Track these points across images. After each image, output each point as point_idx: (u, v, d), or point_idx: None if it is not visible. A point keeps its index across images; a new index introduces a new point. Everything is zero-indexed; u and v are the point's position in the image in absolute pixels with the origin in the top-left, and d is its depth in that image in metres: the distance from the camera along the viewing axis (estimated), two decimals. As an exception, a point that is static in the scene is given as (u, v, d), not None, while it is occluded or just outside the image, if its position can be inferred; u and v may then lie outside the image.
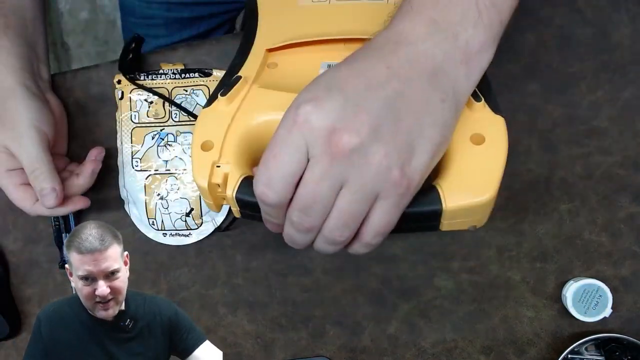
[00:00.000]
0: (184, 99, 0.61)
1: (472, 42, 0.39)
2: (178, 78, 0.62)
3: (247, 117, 0.44)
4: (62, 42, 1.64)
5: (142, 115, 0.62)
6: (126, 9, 0.88)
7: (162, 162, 0.62)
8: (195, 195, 0.61)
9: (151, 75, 0.62)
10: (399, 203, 0.37)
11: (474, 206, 0.40)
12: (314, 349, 0.64)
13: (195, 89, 0.62)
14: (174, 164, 0.62)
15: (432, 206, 0.39)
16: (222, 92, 0.44)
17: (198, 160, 0.43)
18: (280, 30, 0.50)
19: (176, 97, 0.61)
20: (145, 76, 0.62)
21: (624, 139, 0.59)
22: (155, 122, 0.62)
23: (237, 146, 0.44)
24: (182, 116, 0.61)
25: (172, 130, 0.61)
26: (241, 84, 0.45)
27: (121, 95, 0.62)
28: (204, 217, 0.62)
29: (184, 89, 0.61)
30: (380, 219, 0.38)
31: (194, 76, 0.62)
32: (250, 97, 0.45)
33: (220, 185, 0.42)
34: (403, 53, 0.38)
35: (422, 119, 0.37)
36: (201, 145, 0.43)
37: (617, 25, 0.58)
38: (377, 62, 0.38)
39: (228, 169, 0.42)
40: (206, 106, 0.46)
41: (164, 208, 0.61)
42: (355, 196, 0.36)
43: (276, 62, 0.49)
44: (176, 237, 0.62)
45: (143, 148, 0.62)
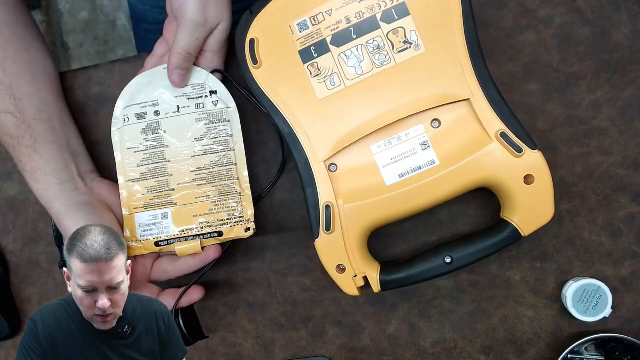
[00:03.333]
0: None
1: None
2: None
3: (355, 230, 0.55)
4: (62, 42, 1.64)
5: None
6: (138, 16, 0.87)
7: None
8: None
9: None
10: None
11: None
12: (314, 349, 0.64)
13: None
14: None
15: (515, 237, 0.54)
16: (326, 228, 0.55)
17: (341, 281, 0.56)
18: (326, 140, 0.55)
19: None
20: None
21: (624, 139, 0.59)
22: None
23: (359, 254, 0.55)
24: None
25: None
26: (333, 212, 0.55)
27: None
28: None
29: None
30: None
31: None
32: (346, 217, 0.55)
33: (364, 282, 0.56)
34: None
35: None
36: (336, 270, 0.56)
37: (617, 25, 0.58)
38: None
39: (364, 273, 0.56)
40: (316, 237, 0.55)
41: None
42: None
43: (334, 163, 0.56)
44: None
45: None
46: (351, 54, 0.54)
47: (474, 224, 0.61)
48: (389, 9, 0.54)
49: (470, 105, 0.53)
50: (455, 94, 0.53)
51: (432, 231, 0.61)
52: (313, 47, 0.55)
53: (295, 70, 0.55)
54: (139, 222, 0.60)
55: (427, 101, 0.53)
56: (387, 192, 0.54)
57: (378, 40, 0.54)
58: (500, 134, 0.53)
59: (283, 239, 0.64)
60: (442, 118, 0.54)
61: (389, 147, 0.55)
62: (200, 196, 0.59)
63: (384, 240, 0.61)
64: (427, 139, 0.54)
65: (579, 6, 0.59)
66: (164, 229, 0.59)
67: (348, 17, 0.54)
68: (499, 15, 0.60)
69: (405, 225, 0.61)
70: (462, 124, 0.54)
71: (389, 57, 0.54)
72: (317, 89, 0.55)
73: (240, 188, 0.59)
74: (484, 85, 0.53)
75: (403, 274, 0.55)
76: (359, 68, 0.54)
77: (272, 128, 0.63)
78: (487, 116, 0.53)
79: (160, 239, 0.59)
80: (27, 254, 0.67)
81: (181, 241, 0.59)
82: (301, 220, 0.63)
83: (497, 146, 0.53)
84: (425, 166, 0.54)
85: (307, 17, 0.54)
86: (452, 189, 0.54)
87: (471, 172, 0.53)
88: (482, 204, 0.60)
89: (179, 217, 0.59)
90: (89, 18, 1.64)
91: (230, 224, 0.59)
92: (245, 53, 0.55)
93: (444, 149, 0.54)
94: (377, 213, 0.55)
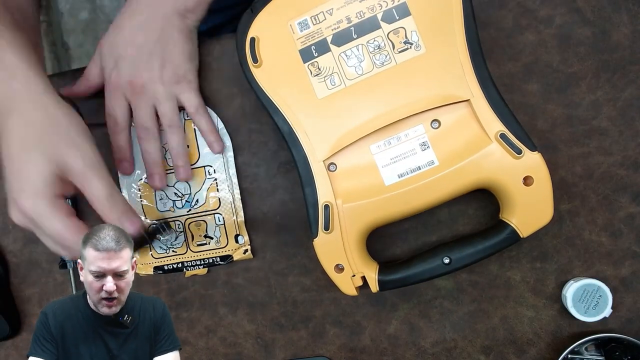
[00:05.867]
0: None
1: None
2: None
3: (354, 230, 0.55)
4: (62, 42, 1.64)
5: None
6: None
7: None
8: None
9: None
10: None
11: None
12: (314, 349, 0.64)
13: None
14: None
15: (514, 238, 0.54)
16: (325, 227, 0.55)
17: (339, 280, 0.56)
18: (325, 139, 0.55)
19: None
20: None
21: (624, 139, 0.59)
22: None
23: (358, 254, 0.56)
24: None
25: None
26: (332, 211, 0.55)
27: None
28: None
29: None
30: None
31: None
32: (345, 217, 0.55)
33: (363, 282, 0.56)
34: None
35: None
36: (335, 270, 0.56)
37: (617, 25, 0.58)
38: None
39: (362, 273, 0.56)
40: (314, 237, 0.55)
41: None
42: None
43: (334, 162, 0.56)
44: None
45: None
46: (351, 54, 0.54)
47: (473, 225, 0.61)
48: (390, 9, 0.54)
49: (470, 106, 0.53)
50: (455, 95, 0.53)
51: (432, 231, 0.61)
52: (313, 47, 0.55)
53: (295, 69, 0.55)
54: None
55: (427, 102, 0.53)
56: (386, 192, 0.54)
57: (378, 40, 0.54)
58: (499, 135, 0.53)
59: (283, 239, 0.64)
60: (442, 119, 0.54)
61: (388, 147, 0.55)
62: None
63: (383, 240, 0.61)
64: (427, 139, 0.54)
65: (579, 6, 0.59)
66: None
67: (349, 17, 0.54)
68: (499, 15, 0.60)
69: (405, 225, 0.61)
70: (462, 124, 0.54)
71: (390, 57, 0.54)
72: (317, 88, 0.55)
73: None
74: (484, 86, 0.53)
75: (401, 274, 0.55)
76: (359, 68, 0.54)
77: (272, 128, 0.63)
78: (486, 117, 0.53)
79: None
80: (27, 254, 0.67)
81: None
82: (301, 220, 0.63)
83: (497, 147, 0.53)
84: (425, 166, 0.54)
85: (308, 16, 0.54)
86: (451, 189, 0.54)
87: (470, 173, 0.53)
88: (482, 204, 0.60)
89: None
90: (89, 18, 1.65)
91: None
92: (245, 52, 0.55)
93: (443, 149, 0.54)
94: (376, 213, 0.55)
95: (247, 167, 0.63)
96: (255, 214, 0.64)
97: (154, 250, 0.64)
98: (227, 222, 0.63)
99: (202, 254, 0.63)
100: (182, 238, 0.63)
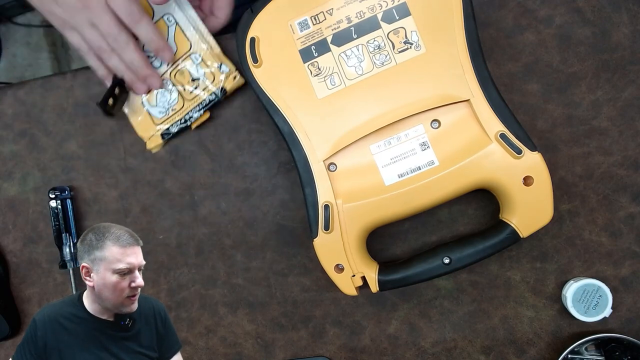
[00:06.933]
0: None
1: None
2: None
3: (354, 230, 0.55)
4: (62, 42, 1.64)
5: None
6: None
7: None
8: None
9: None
10: None
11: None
12: (314, 349, 0.64)
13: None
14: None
15: (514, 238, 0.54)
16: (325, 227, 0.55)
17: (339, 280, 0.56)
18: (325, 139, 0.55)
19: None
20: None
21: (624, 139, 0.59)
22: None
23: (357, 254, 0.56)
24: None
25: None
26: (332, 211, 0.55)
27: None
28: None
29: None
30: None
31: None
32: (345, 217, 0.55)
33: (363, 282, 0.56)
34: None
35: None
36: (335, 270, 0.56)
37: (617, 25, 0.58)
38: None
39: (362, 273, 0.56)
40: (314, 237, 0.55)
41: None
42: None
43: (334, 162, 0.56)
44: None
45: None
46: (351, 54, 0.54)
47: (473, 224, 0.61)
48: (390, 9, 0.54)
49: (470, 106, 0.53)
50: (455, 95, 0.53)
51: (432, 231, 0.61)
52: (313, 46, 0.55)
53: (295, 69, 0.55)
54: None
55: (427, 102, 0.53)
56: (386, 192, 0.54)
57: (379, 40, 0.54)
58: (499, 135, 0.53)
59: (283, 239, 0.64)
60: (442, 119, 0.54)
61: (388, 147, 0.55)
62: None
63: (384, 241, 0.61)
64: (427, 139, 0.54)
65: (579, 6, 0.59)
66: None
67: (349, 17, 0.54)
68: (499, 15, 0.60)
69: (405, 225, 0.61)
70: (462, 124, 0.54)
71: (390, 57, 0.54)
72: (317, 88, 0.55)
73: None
74: (484, 86, 0.53)
75: (401, 274, 0.55)
76: (359, 68, 0.54)
77: (272, 128, 0.63)
78: (486, 117, 0.53)
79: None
80: (27, 254, 0.67)
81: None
82: (301, 220, 0.63)
83: (497, 147, 0.53)
84: (425, 166, 0.54)
85: (308, 16, 0.54)
86: (451, 189, 0.54)
87: (470, 173, 0.53)
88: (482, 204, 0.60)
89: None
90: (89, 18, 1.64)
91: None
92: (245, 52, 0.55)
93: (443, 149, 0.54)
94: (376, 213, 0.55)
95: (247, 167, 0.64)
96: (255, 214, 0.64)
97: (154, 117, 0.64)
98: (204, 56, 0.62)
99: (197, 99, 0.63)
100: (175, 93, 0.63)
